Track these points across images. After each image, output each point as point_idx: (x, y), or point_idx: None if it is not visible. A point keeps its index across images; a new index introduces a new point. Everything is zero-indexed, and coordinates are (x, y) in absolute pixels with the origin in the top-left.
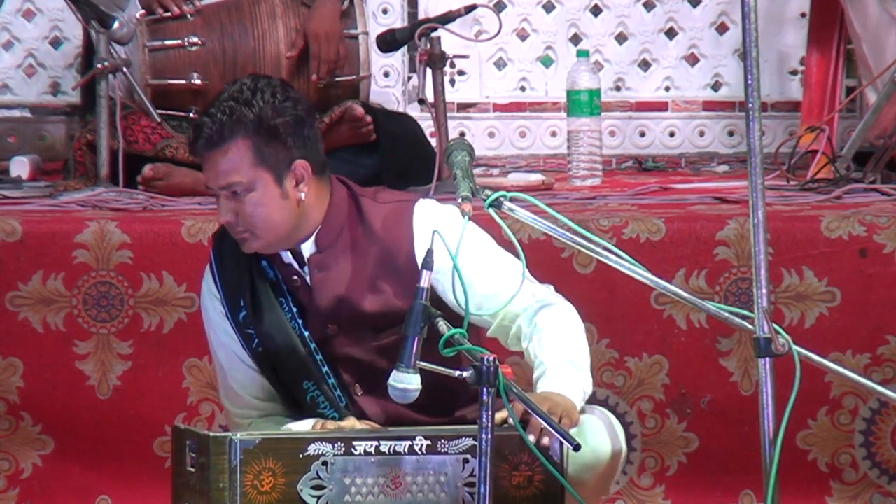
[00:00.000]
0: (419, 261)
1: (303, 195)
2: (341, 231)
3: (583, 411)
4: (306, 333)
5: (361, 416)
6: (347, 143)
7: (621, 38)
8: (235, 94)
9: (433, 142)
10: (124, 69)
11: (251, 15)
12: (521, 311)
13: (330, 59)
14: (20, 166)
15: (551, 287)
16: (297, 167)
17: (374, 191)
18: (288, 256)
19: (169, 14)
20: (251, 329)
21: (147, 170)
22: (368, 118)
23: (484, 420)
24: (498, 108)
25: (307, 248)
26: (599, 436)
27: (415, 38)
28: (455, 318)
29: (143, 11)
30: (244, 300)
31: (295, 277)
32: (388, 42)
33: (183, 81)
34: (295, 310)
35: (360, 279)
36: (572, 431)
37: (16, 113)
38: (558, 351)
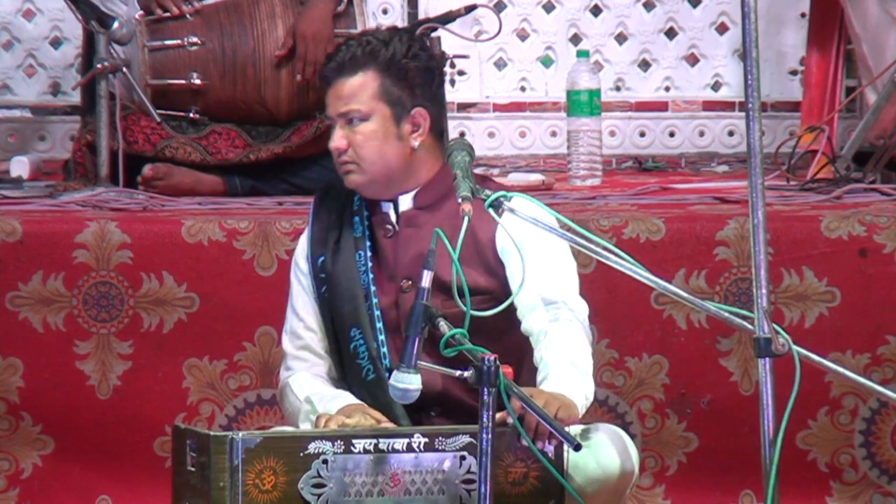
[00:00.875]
0: (498, 248)
1: (416, 143)
2: (441, 199)
3: (597, 428)
4: (373, 288)
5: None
6: None
7: (621, 38)
8: (374, 33)
9: None
10: (124, 69)
11: (250, 15)
12: (538, 314)
13: (316, 61)
14: (20, 166)
15: (586, 307)
16: (416, 114)
17: (482, 177)
18: (388, 206)
19: (168, 14)
20: (324, 273)
21: (147, 170)
22: None
23: (484, 419)
24: (498, 108)
25: (404, 203)
26: (608, 451)
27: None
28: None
29: (142, 12)
30: (327, 247)
31: (388, 226)
32: None
33: (183, 81)
34: (370, 265)
35: (444, 247)
36: (573, 432)
37: (16, 113)
38: (562, 355)
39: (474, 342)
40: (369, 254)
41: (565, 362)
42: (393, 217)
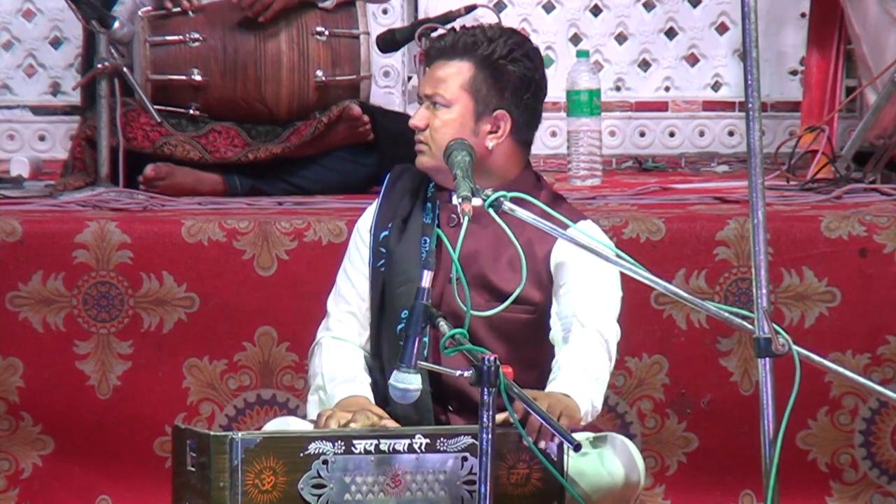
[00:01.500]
0: (552, 264)
1: (490, 145)
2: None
3: (604, 437)
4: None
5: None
6: (346, 143)
7: (621, 38)
8: (487, 28)
9: None
10: (124, 69)
11: None
12: (565, 326)
13: (267, 5)
14: (20, 166)
15: (617, 332)
16: (498, 116)
17: (556, 195)
18: (457, 199)
19: (178, 10)
20: (384, 248)
21: (149, 170)
22: (366, 118)
23: (484, 420)
24: None
25: (475, 199)
26: (614, 460)
27: (415, 39)
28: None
29: (146, 8)
30: (394, 223)
31: (453, 216)
32: (388, 42)
33: (183, 77)
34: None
35: (501, 250)
36: (580, 436)
37: (16, 113)
38: (575, 359)
39: (506, 349)
40: (434, 243)
41: (576, 366)
42: (459, 209)
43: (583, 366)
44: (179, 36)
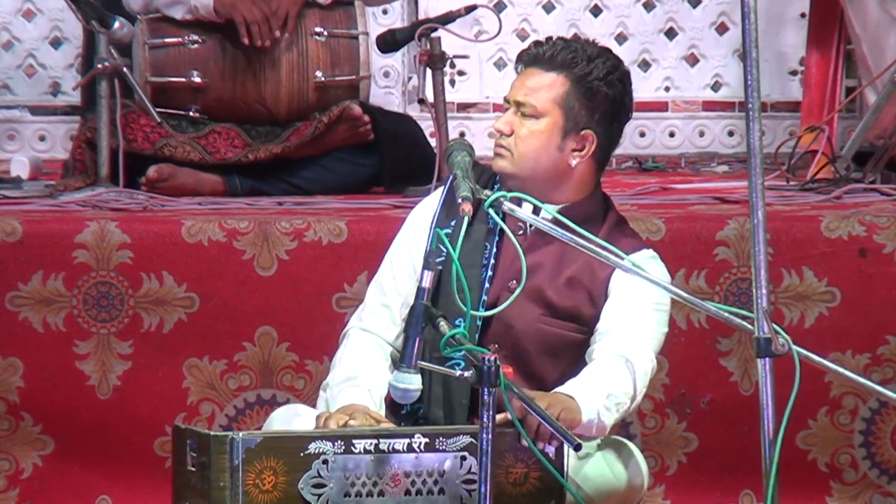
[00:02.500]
0: (609, 287)
1: (574, 163)
2: (579, 223)
3: (608, 440)
4: (487, 286)
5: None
6: (346, 143)
7: (621, 38)
8: (586, 45)
9: (433, 142)
10: (124, 69)
11: None
12: (598, 346)
13: (256, 20)
14: (20, 166)
15: (651, 364)
16: (586, 135)
17: (621, 218)
18: (529, 208)
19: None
20: (444, 247)
21: (152, 171)
22: (366, 118)
23: (484, 420)
24: (498, 108)
25: (544, 212)
26: (618, 463)
27: (415, 39)
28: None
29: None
30: (457, 222)
31: (520, 223)
32: (388, 42)
33: (183, 79)
34: (492, 262)
35: (562, 267)
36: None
37: (16, 113)
38: (591, 372)
39: (556, 368)
40: (495, 250)
41: (590, 377)
42: (529, 220)
43: (597, 378)
44: (178, 38)
